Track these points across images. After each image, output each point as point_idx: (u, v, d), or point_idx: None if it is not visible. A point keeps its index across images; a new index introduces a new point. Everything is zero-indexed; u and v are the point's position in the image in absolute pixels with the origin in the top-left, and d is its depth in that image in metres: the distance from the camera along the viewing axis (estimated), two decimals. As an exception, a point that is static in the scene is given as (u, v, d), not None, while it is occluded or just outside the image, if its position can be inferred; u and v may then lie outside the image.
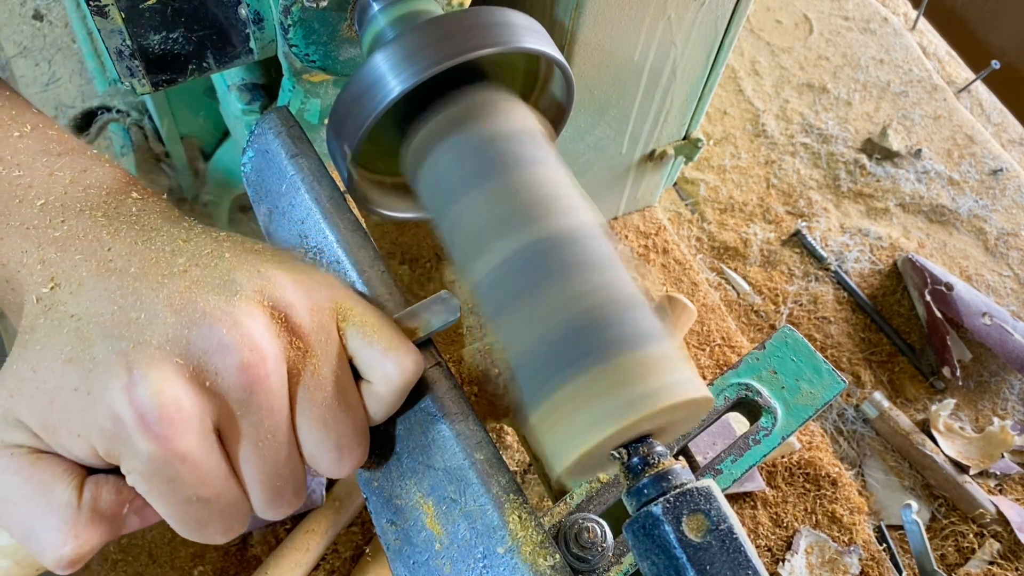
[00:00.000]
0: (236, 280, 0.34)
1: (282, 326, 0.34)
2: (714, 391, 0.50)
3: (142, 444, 0.31)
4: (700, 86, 0.71)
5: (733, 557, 0.32)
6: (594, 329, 0.35)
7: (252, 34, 0.48)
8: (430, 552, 0.37)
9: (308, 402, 0.35)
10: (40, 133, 0.41)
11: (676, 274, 0.84)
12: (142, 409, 0.31)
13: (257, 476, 0.34)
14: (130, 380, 0.31)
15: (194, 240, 0.37)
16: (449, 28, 0.40)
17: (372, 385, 0.37)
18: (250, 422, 0.33)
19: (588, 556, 0.43)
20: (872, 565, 0.69)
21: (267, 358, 0.33)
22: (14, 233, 0.37)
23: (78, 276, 0.35)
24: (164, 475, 0.32)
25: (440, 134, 0.41)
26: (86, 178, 0.39)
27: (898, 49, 1.06)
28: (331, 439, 0.35)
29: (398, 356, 0.36)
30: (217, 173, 0.79)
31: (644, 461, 0.35)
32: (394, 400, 0.37)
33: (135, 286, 0.34)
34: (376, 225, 0.81)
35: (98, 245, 0.36)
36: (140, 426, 0.31)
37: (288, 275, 0.36)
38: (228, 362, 0.32)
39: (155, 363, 0.31)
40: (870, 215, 0.93)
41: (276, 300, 0.34)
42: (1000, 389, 0.82)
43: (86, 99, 0.91)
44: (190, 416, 0.31)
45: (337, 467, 0.36)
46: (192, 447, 0.31)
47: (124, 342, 0.32)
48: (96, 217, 0.37)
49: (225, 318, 0.33)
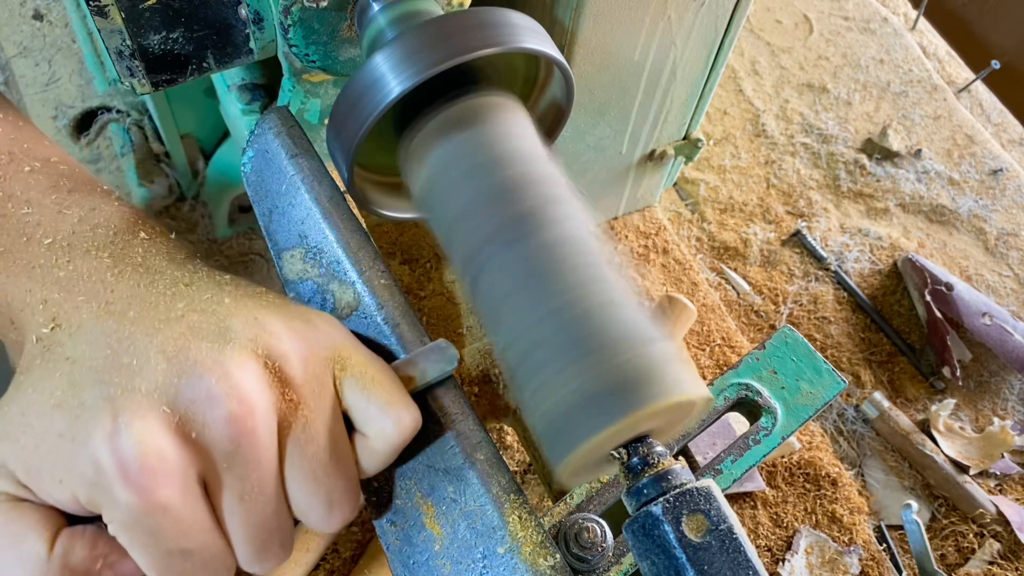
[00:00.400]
0: (231, 328, 0.34)
1: (275, 376, 0.34)
2: (714, 391, 0.50)
3: (122, 494, 0.30)
4: (700, 86, 0.71)
5: (733, 557, 0.32)
6: (591, 330, 0.35)
7: (252, 34, 0.48)
8: (430, 552, 0.37)
9: (298, 456, 0.34)
10: (51, 168, 0.41)
11: (676, 274, 0.84)
12: (124, 458, 0.30)
13: (242, 529, 0.34)
14: (114, 428, 0.30)
15: (196, 284, 0.36)
16: (449, 28, 0.39)
17: (367, 439, 0.36)
18: (236, 475, 0.32)
19: (588, 556, 0.43)
20: (872, 565, 0.69)
21: (256, 411, 0.32)
22: (20, 272, 0.36)
23: (78, 318, 0.34)
24: (145, 526, 0.31)
25: (437, 135, 0.41)
26: (95, 217, 0.39)
27: (898, 49, 1.06)
28: (321, 494, 0.35)
29: (396, 412, 0.35)
30: (217, 173, 0.79)
31: (644, 461, 0.35)
32: (389, 456, 0.37)
33: (131, 330, 0.33)
34: (376, 225, 0.81)
35: (101, 287, 0.35)
36: (121, 475, 0.30)
37: (285, 323, 0.35)
38: (216, 413, 0.32)
39: (140, 411, 0.31)
40: (870, 215, 0.93)
41: (270, 349, 0.34)
42: (1000, 389, 0.82)
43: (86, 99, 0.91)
44: (173, 467, 0.31)
45: (327, 522, 0.36)
46: (174, 498, 0.31)
47: (113, 388, 0.32)
48: (102, 258, 0.37)
49: (215, 368, 0.32)
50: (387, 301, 0.40)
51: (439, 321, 0.77)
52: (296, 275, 0.42)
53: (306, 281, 0.42)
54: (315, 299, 0.41)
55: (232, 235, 0.84)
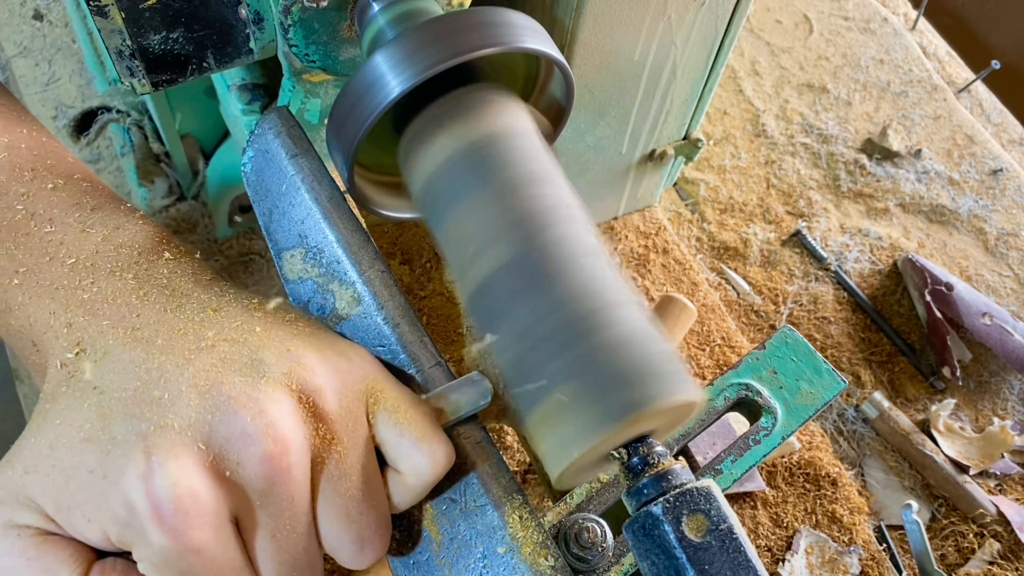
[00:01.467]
0: (264, 360, 0.33)
1: (309, 412, 0.33)
2: (714, 391, 0.50)
3: (156, 536, 0.30)
4: (700, 86, 0.71)
5: (733, 557, 0.32)
6: (587, 332, 0.35)
7: (252, 34, 0.48)
8: (430, 552, 0.37)
9: (331, 493, 0.33)
10: (74, 185, 0.40)
11: (676, 274, 0.84)
12: (158, 500, 0.30)
13: (273, 566, 0.33)
14: (147, 467, 0.30)
15: (224, 309, 0.36)
16: (449, 28, 0.39)
17: (401, 476, 0.35)
18: (269, 513, 0.32)
19: (588, 556, 0.43)
20: (872, 565, 0.69)
21: (291, 449, 0.32)
22: (43, 293, 0.36)
23: (104, 343, 0.34)
24: (177, 568, 0.31)
25: (438, 135, 0.41)
26: (118, 236, 0.38)
27: (898, 49, 1.06)
28: (353, 531, 0.34)
29: (431, 448, 0.35)
30: (217, 173, 0.79)
31: (644, 461, 0.35)
32: (422, 492, 0.36)
33: (160, 360, 0.33)
34: (376, 225, 0.81)
35: (127, 310, 0.35)
36: (155, 517, 0.30)
37: (318, 355, 0.35)
38: (251, 452, 0.31)
39: (174, 450, 0.30)
40: (870, 215, 0.93)
41: (304, 384, 0.33)
42: (1000, 389, 0.82)
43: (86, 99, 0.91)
44: (207, 508, 0.30)
45: (358, 559, 0.35)
46: (207, 540, 0.30)
47: (144, 423, 0.31)
48: (126, 279, 0.36)
49: (250, 404, 0.32)
50: (387, 301, 0.40)
51: (439, 321, 0.77)
52: (296, 275, 0.42)
53: (306, 281, 0.42)
54: (315, 299, 0.41)
55: (232, 235, 0.83)
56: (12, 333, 0.38)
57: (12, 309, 0.37)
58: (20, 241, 0.37)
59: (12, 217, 0.38)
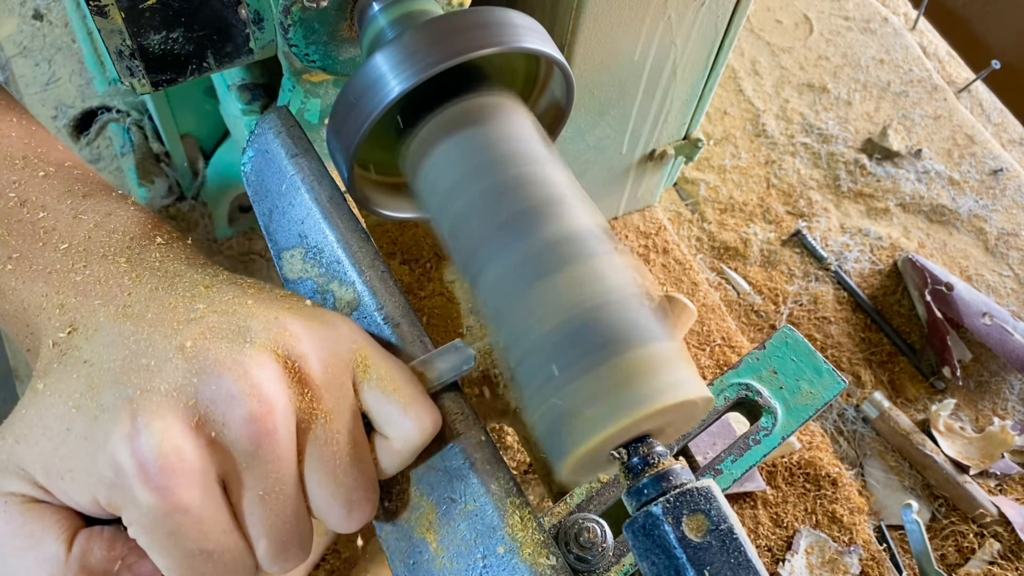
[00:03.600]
0: (251, 328, 0.34)
1: (294, 377, 0.33)
2: (714, 391, 0.50)
3: (143, 495, 0.30)
4: (700, 86, 0.71)
5: (733, 557, 0.32)
6: (594, 329, 0.35)
7: (252, 34, 0.48)
8: (430, 552, 0.37)
9: (318, 456, 0.34)
10: (65, 172, 0.40)
11: (676, 274, 0.84)
12: (143, 459, 0.30)
13: (262, 529, 0.33)
14: (133, 428, 0.30)
15: (216, 286, 0.36)
16: (449, 28, 0.39)
17: (388, 440, 0.36)
18: (256, 474, 0.32)
19: (588, 556, 0.43)
20: (872, 565, 0.69)
21: (275, 410, 0.32)
22: (36, 277, 0.36)
23: (95, 321, 0.34)
24: (165, 527, 0.31)
25: (439, 135, 0.41)
26: (110, 222, 0.38)
27: (898, 49, 1.06)
28: (341, 494, 0.34)
29: (417, 413, 0.35)
30: (217, 173, 0.79)
31: (644, 461, 0.35)
32: (409, 456, 0.36)
33: (149, 332, 0.33)
34: (376, 225, 0.81)
35: (118, 290, 0.35)
36: (141, 476, 0.30)
37: (304, 324, 0.35)
38: (235, 413, 0.31)
39: (160, 411, 0.31)
40: (870, 215, 0.93)
41: (290, 350, 0.34)
42: (1000, 389, 0.82)
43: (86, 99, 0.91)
44: (193, 467, 0.30)
45: (346, 522, 0.35)
46: (194, 499, 0.31)
47: (132, 389, 0.31)
48: (119, 262, 0.36)
49: (235, 367, 0.32)
50: (387, 301, 0.40)
51: (439, 321, 0.77)
52: (296, 275, 0.42)
53: (306, 281, 0.42)
54: (315, 299, 0.41)
55: (232, 235, 0.84)
56: (6, 317, 0.38)
57: (5, 293, 0.37)
58: (12, 227, 0.37)
59: (4, 204, 0.38)
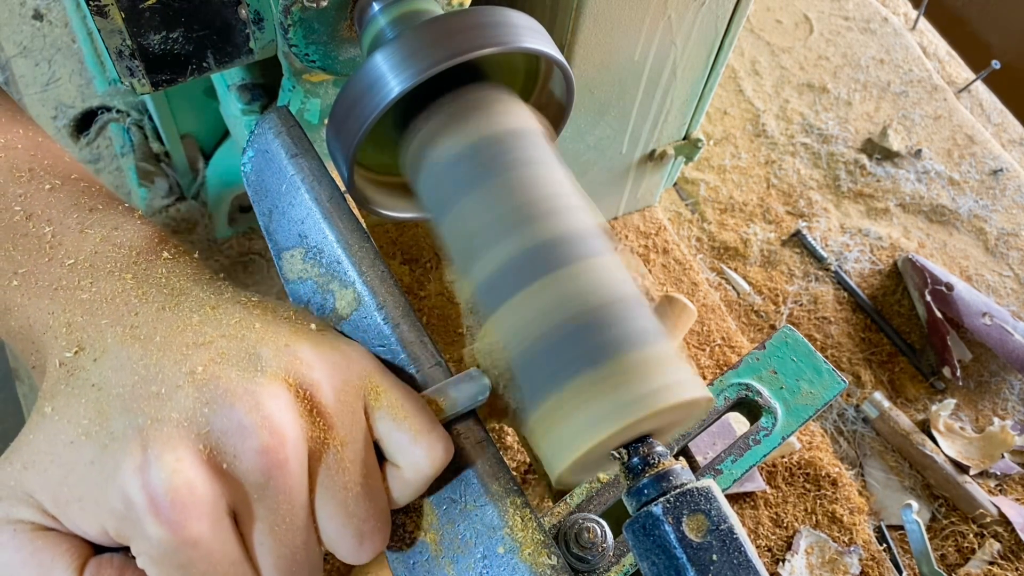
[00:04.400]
0: (262, 355, 0.33)
1: (306, 406, 0.33)
2: (714, 391, 0.50)
3: (153, 529, 0.30)
4: (700, 86, 0.71)
5: (733, 557, 0.32)
6: (593, 330, 0.35)
7: (252, 34, 0.48)
8: (429, 552, 0.37)
9: (330, 486, 0.33)
10: (72, 185, 0.40)
11: (676, 274, 0.84)
12: (154, 493, 0.30)
13: (272, 560, 0.33)
14: (144, 460, 0.30)
15: (223, 307, 0.36)
16: (449, 28, 0.39)
17: (399, 470, 0.35)
18: (267, 506, 0.32)
19: (588, 556, 0.43)
20: (872, 565, 0.69)
21: (287, 442, 0.32)
22: (42, 294, 0.36)
23: (103, 342, 0.34)
24: (175, 561, 0.30)
25: (440, 134, 0.41)
26: (117, 236, 0.38)
27: (898, 49, 1.06)
28: (352, 525, 0.34)
29: (429, 443, 0.35)
30: (217, 173, 0.79)
31: (644, 461, 0.35)
32: (421, 487, 0.36)
33: (158, 357, 0.33)
34: (376, 225, 0.81)
35: (125, 310, 0.35)
36: (151, 510, 0.30)
37: (316, 351, 0.35)
38: (247, 445, 0.31)
39: (171, 443, 0.30)
40: (870, 215, 0.93)
41: (301, 378, 0.33)
42: (1000, 389, 0.82)
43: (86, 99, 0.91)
44: (203, 501, 0.30)
45: (356, 554, 0.35)
46: (204, 533, 0.30)
47: (142, 417, 0.31)
48: (125, 279, 0.36)
49: (247, 397, 0.32)
50: (387, 301, 0.40)
51: (439, 321, 0.77)
52: (296, 275, 0.42)
53: (306, 281, 0.42)
54: (315, 299, 0.41)
55: (232, 235, 0.83)
56: (12, 334, 0.38)
57: (11, 310, 0.37)
58: (18, 242, 0.37)
59: (10, 218, 0.38)
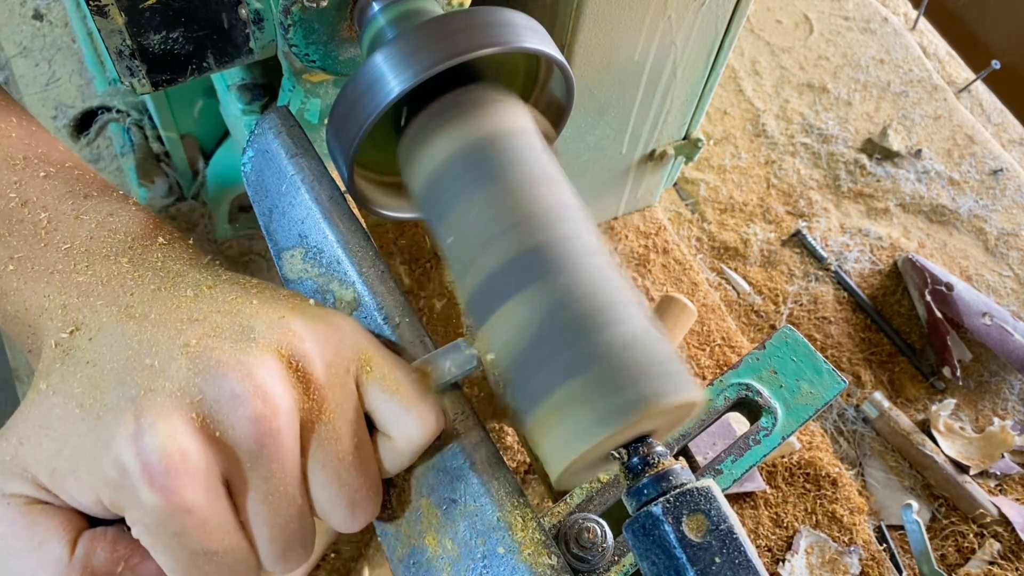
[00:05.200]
0: (255, 328, 0.34)
1: (298, 376, 0.33)
2: (714, 391, 0.50)
3: (147, 495, 0.30)
4: (700, 86, 0.71)
5: (733, 557, 0.32)
6: (588, 332, 0.35)
7: (252, 34, 0.48)
8: (429, 552, 0.37)
9: (321, 456, 0.34)
10: (66, 173, 0.40)
11: (676, 274, 0.84)
12: (147, 459, 0.30)
13: (266, 529, 0.33)
14: (137, 428, 0.30)
15: (219, 286, 0.36)
16: (449, 28, 0.39)
17: (391, 440, 0.36)
18: (260, 474, 0.32)
19: (588, 556, 0.43)
20: (872, 565, 0.69)
21: (279, 410, 0.32)
22: (38, 278, 0.36)
23: (98, 322, 0.34)
24: (169, 528, 0.31)
25: (436, 135, 0.41)
26: (112, 222, 0.38)
27: (898, 49, 1.06)
28: (344, 494, 0.34)
29: (420, 412, 0.35)
30: (217, 173, 0.79)
31: (644, 461, 0.35)
32: (412, 456, 0.36)
33: (153, 332, 0.33)
34: (376, 225, 0.81)
35: (121, 291, 0.35)
36: (145, 477, 0.30)
37: (308, 324, 0.35)
38: (239, 413, 0.31)
39: (164, 412, 0.31)
40: (870, 215, 0.93)
41: (294, 349, 0.34)
42: (1000, 389, 0.82)
43: (86, 99, 0.91)
44: (197, 467, 0.30)
45: (349, 522, 0.35)
46: (198, 499, 0.31)
47: (135, 389, 0.31)
48: (121, 263, 0.36)
49: (239, 367, 0.32)
50: (387, 301, 0.40)
51: (439, 321, 0.77)
52: (296, 275, 0.42)
53: (306, 281, 0.42)
54: (315, 299, 0.41)
55: (232, 235, 0.83)
56: (8, 318, 0.38)
57: (7, 294, 0.37)
58: (14, 228, 0.38)
59: (5, 205, 0.38)
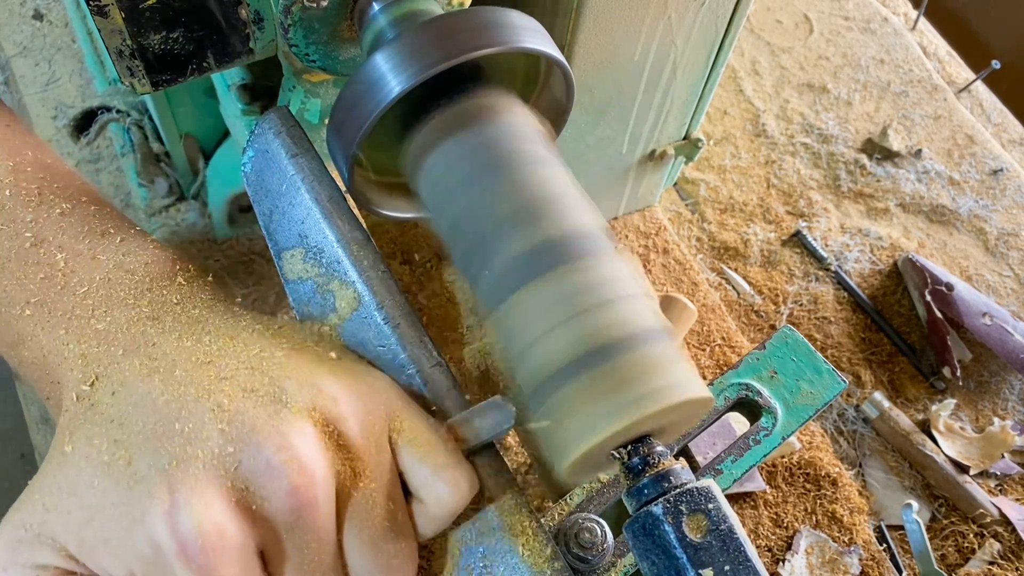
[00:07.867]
0: (287, 390, 0.33)
1: (333, 441, 0.33)
2: (714, 391, 0.50)
3: (183, 574, 0.29)
4: (700, 86, 0.71)
5: (733, 557, 0.32)
6: (595, 329, 0.35)
7: (252, 34, 0.48)
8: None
9: (358, 523, 0.33)
10: (83, 209, 0.39)
11: (676, 274, 0.84)
12: (184, 539, 0.29)
13: None
14: (172, 504, 0.30)
15: (241, 336, 0.35)
16: (449, 28, 0.39)
17: (424, 505, 0.35)
18: (296, 545, 0.32)
19: (588, 556, 0.43)
20: (872, 565, 0.69)
21: (316, 480, 0.31)
22: (56, 324, 0.35)
23: (120, 374, 0.33)
24: None
25: (440, 134, 0.41)
26: (130, 262, 0.38)
27: (898, 49, 1.06)
28: (381, 561, 0.34)
29: (453, 477, 0.34)
30: (217, 173, 0.79)
31: (644, 461, 0.35)
32: (446, 521, 0.35)
33: (179, 391, 0.32)
34: (376, 225, 0.81)
35: (142, 340, 0.34)
36: (181, 556, 0.29)
37: (340, 383, 0.34)
38: (276, 485, 0.31)
39: (198, 486, 0.30)
40: (870, 215, 0.93)
41: (327, 412, 0.33)
42: (1000, 389, 0.82)
43: (86, 99, 0.91)
44: (233, 544, 0.30)
45: None
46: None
47: (166, 457, 0.31)
48: (140, 307, 0.36)
49: (275, 436, 0.31)
50: (387, 301, 0.40)
51: (439, 321, 0.77)
52: (296, 275, 0.42)
53: (306, 281, 0.42)
54: (315, 299, 0.41)
55: (232, 235, 0.83)
56: (25, 365, 0.37)
57: (24, 340, 0.36)
58: (30, 270, 0.37)
59: (21, 245, 0.37)
